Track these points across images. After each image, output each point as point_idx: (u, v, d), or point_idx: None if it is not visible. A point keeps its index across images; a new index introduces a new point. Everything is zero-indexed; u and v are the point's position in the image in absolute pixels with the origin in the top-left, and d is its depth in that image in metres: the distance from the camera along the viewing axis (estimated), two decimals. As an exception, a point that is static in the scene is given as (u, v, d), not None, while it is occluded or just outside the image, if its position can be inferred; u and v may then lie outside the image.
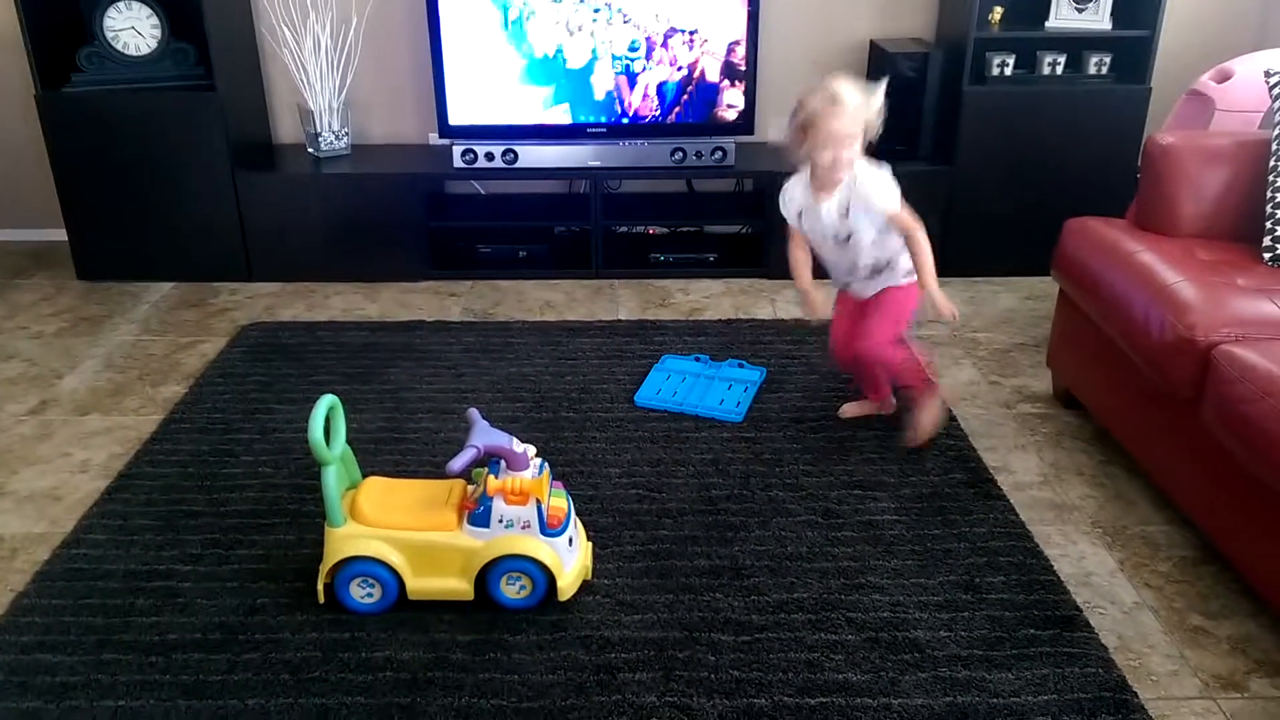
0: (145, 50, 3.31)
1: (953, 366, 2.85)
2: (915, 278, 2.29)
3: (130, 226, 3.39)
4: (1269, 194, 2.30)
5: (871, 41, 3.50)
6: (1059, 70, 3.35)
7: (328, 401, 1.82)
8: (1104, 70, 3.35)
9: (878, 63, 3.43)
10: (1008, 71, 3.35)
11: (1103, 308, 2.29)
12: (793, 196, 2.38)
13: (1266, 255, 2.26)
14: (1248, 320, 1.98)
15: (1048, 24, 3.30)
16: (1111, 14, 3.25)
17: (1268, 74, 2.44)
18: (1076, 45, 3.34)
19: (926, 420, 2.40)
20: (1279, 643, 1.83)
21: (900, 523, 2.15)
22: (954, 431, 2.49)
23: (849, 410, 2.57)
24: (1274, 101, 2.38)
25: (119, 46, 3.28)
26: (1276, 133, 2.33)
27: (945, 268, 3.42)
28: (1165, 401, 2.10)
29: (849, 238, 2.31)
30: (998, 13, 3.29)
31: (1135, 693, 1.71)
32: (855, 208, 2.26)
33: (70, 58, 3.26)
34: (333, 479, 1.82)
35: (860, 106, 2.15)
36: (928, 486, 2.27)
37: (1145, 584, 1.99)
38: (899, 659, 1.78)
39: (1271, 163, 2.32)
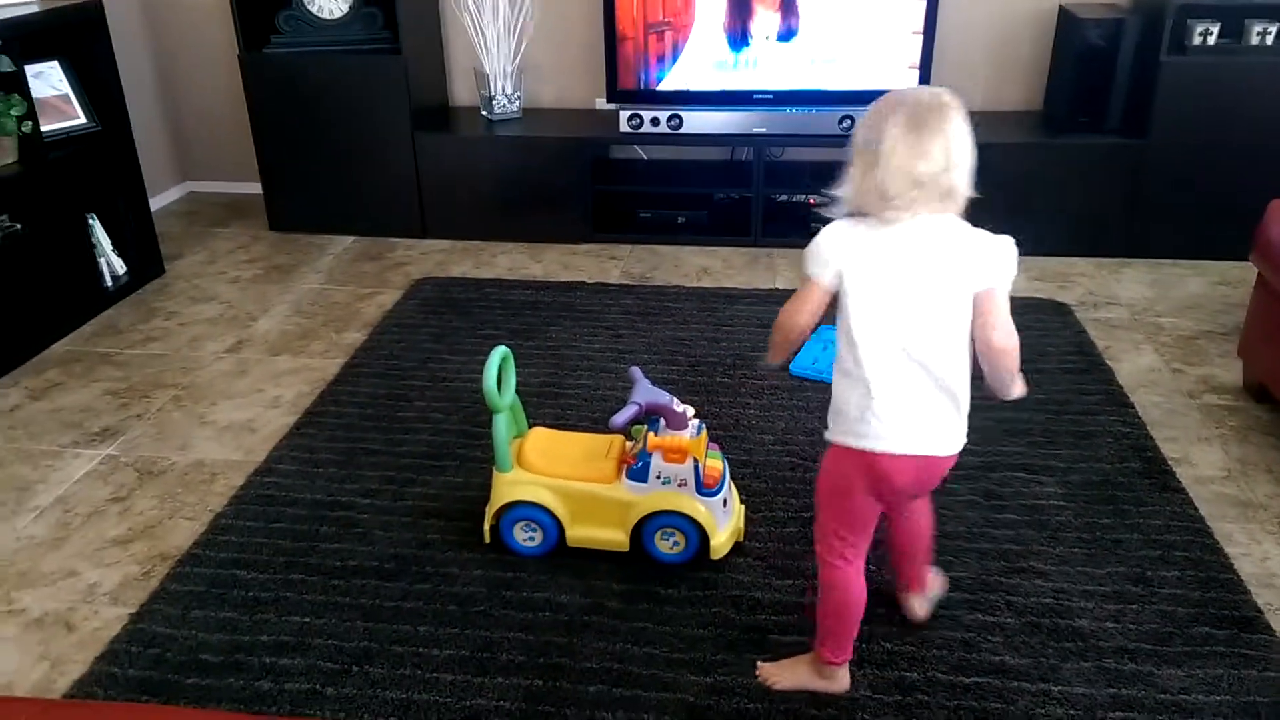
0: (338, 14, 3.49)
1: (1131, 351, 2.70)
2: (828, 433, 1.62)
3: (318, 182, 3.61)
4: None
5: (1061, 6, 3.32)
6: (1269, 40, 3.09)
7: (501, 352, 1.90)
8: (1269, 39, 3.05)
9: (1066, 28, 3.25)
10: (1211, 40, 3.11)
11: (1309, 295, 2.12)
12: None
13: None
14: None
15: (1259, -12, 3.05)
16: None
17: None
18: (1292, 11, 3.07)
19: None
20: None
21: (1068, 509, 2.07)
22: (1130, 419, 2.37)
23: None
24: None
25: (314, 9, 3.47)
26: None
27: (1130, 248, 3.26)
28: (1378, 399, 1.93)
29: None
30: (1203, -25, 3.06)
31: (1322, 705, 1.61)
32: None
33: (271, 20, 3.47)
34: (503, 426, 1.91)
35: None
36: (1099, 474, 2.18)
37: (1339, 592, 1.85)
38: (1060, 646, 1.73)
39: None
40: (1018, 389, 1.53)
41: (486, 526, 1.97)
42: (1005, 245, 1.48)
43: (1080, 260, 3.26)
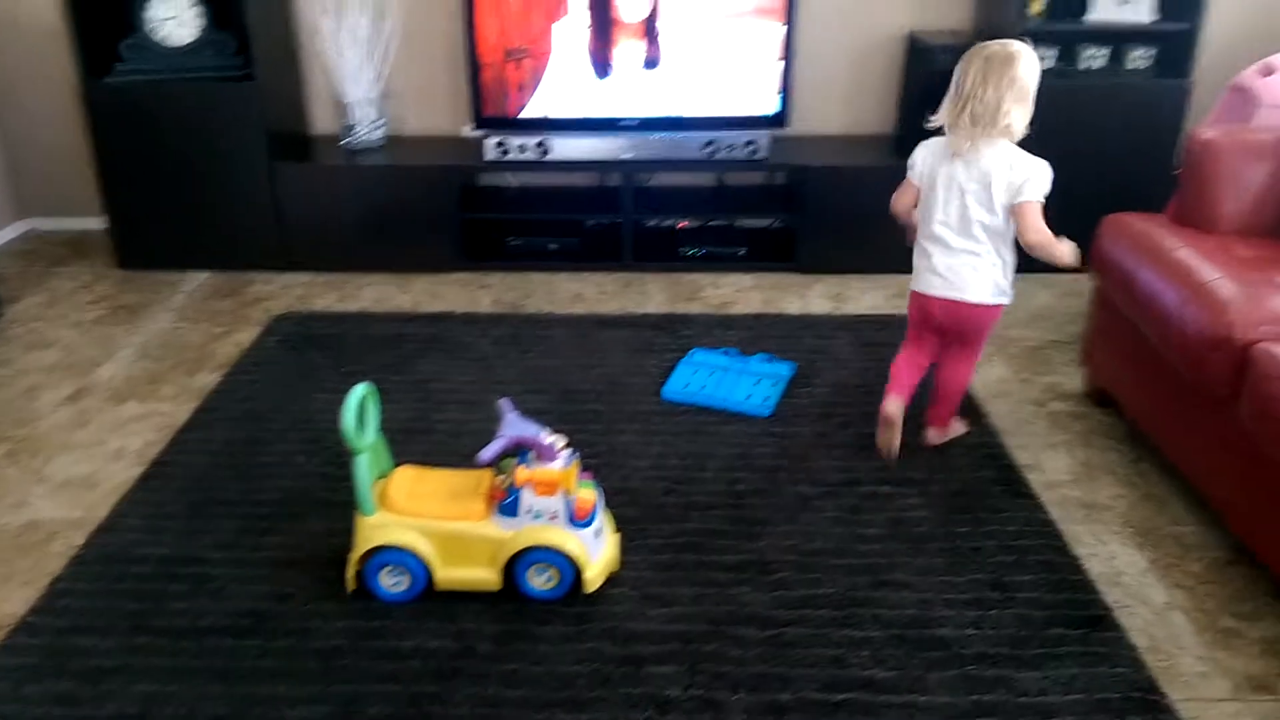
0: (186, 40, 3.34)
1: (984, 363, 2.82)
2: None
3: (168, 216, 3.44)
4: (1313, 190, 2.25)
5: (910, 33, 3.47)
6: (1099, 63, 3.30)
7: (361, 390, 1.84)
8: (1145, 64, 3.29)
9: (915, 55, 3.39)
10: (1048, 65, 3.30)
11: (1139, 305, 2.26)
12: None
13: (1309, 253, 2.21)
14: (1288, 319, 1.95)
15: (1088, 17, 3.25)
16: (1154, 7, 3.20)
17: (1314, 68, 2.39)
18: (1118, 38, 3.30)
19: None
20: (1315, 647, 1.80)
21: (928, 520, 2.14)
22: (984, 429, 2.47)
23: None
24: (1320, 96, 2.33)
25: (160, 37, 3.32)
26: (1322, 128, 2.28)
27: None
28: (1201, 400, 2.06)
29: None
30: (1038, 5, 3.25)
31: (1165, 694, 1.69)
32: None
33: (112, 48, 3.30)
34: (364, 467, 1.84)
35: None
36: (957, 484, 2.26)
37: (1176, 584, 1.96)
38: (924, 656, 1.77)
39: (1316, 158, 2.27)
40: (1064, 260, 2.15)
41: (350, 574, 1.90)
42: (1038, 170, 2.11)
43: (936, 276, 3.39)
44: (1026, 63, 2.08)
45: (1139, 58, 3.28)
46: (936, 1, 3.50)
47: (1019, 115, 2.10)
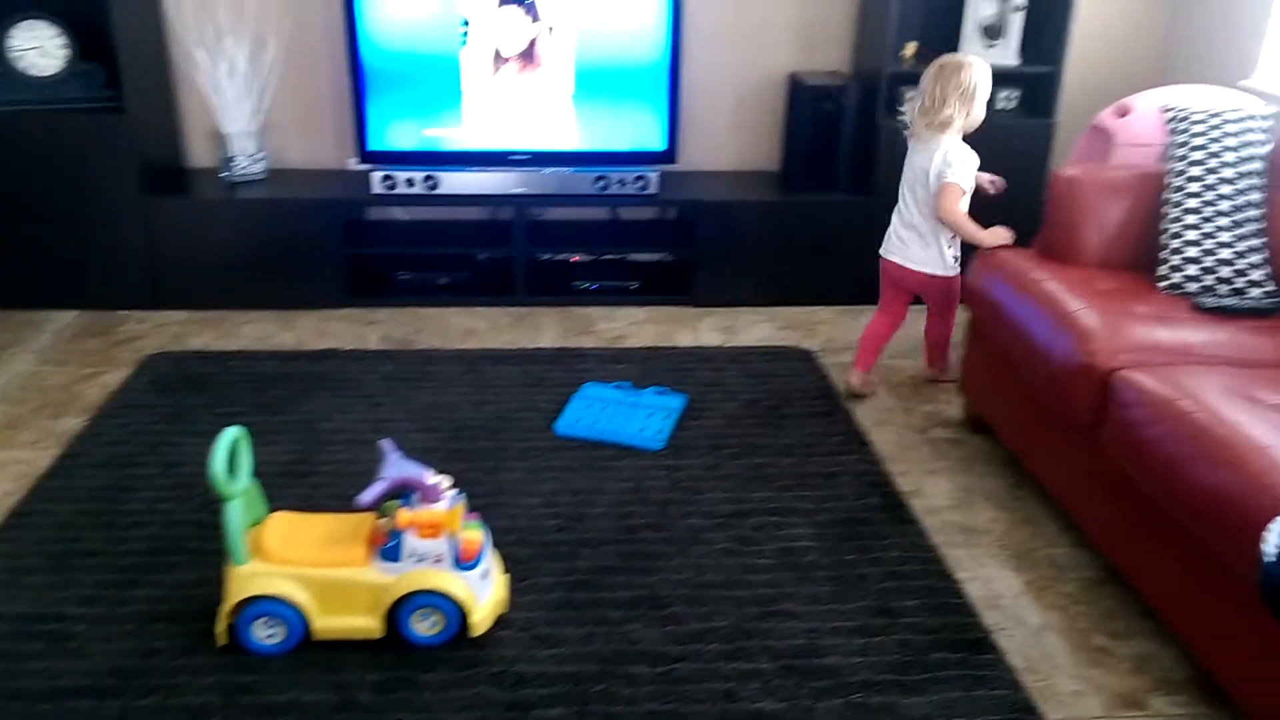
0: (51, 71, 3.20)
1: (868, 395, 2.90)
2: None
3: (32, 253, 3.26)
4: (1164, 225, 2.39)
5: (791, 74, 3.57)
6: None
7: (231, 434, 1.77)
8: (1012, 104, 3.46)
9: (796, 95, 3.49)
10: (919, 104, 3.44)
11: (1010, 335, 2.36)
12: (972, 154, 2.67)
13: (1162, 284, 2.35)
14: (1145, 346, 2.05)
15: (958, 59, 3.40)
16: (1019, 50, 3.37)
17: (1164, 110, 2.55)
18: (986, 80, 3.45)
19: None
20: (1178, 661, 1.88)
21: (816, 548, 2.17)
22: (868, 457, 2.53)
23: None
24: (1170, 136, 2.48)
25: (23, 67, 3.17)
26: (1171, 166, 2.43)
27: (865, 297, 3.50)
28: (1068, 426, 2.16)
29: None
30: (911, 48, 3.39)
31: (1042, 714, 1.75)
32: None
33: (-31, 78, 3.14)
34: (235, 515, 1.77)
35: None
36: (843, 511, 2.30)
37: (1051, 605, 2.03)
38: (813, 686, 1.79)
39: (1166, 195, 2.41)
40: (983, 243, 2.61)
41: (221, 627, 1.81)
42: (961, 158, 2.63)
43: (822, 309, 3.48)
44: (972, 70, 2.61)
45: (1005, 99, 3.45)
46: (816, 43, 3.62)
47: (960, 112, 2.60)
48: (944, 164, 2.60)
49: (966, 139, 2.69)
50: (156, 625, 1.88)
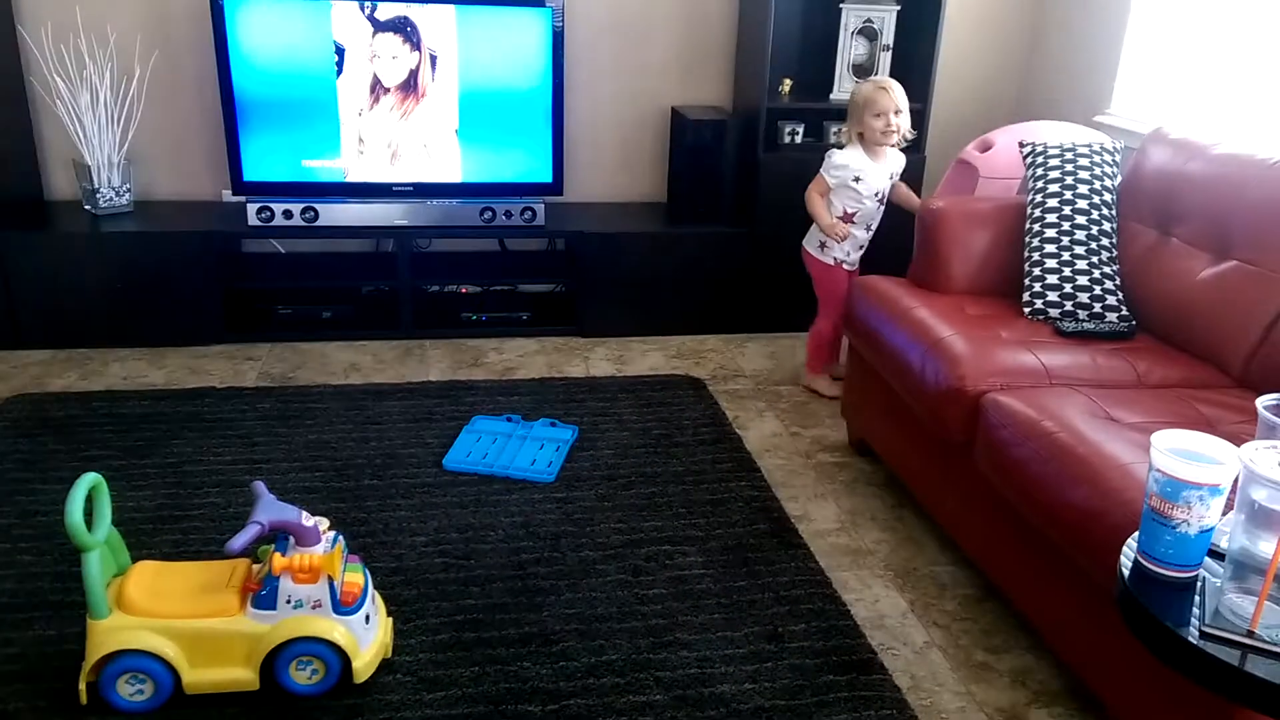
0: (-109, 97, 3.00)
1: (756, 419, 2.94)
2: None
3: None
4: (1026, 253, 2.52)
5: (673, 108, 3.63)
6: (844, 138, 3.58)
7: (89, 480, 1.67)
8: (883, 139, 3.60)
9: (679, 129, 3.55)
10: (798, 139, 3.55)
11: (885, 360, 2.43)
12: (850, 160, 2.96)
13: (1026, 309, 2.46)
14: (1011, 370, 2.15)
15: (832, 96, 3.53)
16: (889, 88, 3.51)
17: (1021, 144, 2.69)
18: (859, 115, 3.58)
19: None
20: (1054, 673, 1.95)
21: (708, 576, 2.17)
22: (757, 483, 2.56)
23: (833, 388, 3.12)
24: (1027, 169, 2.63)
25: None
26: (1031, 198, 2.56)
27: (747, 324, 3.58)
28: (943, 448, 2.23)
29: (881, 201, 3.01)
30: (787, 85, 3.50)
31: (927, 730, 1.79)
32: (896, 172, 3.03)
33: None
34: (95, 566, 1.66)
35: (902, 91, 2.92)
36: (733, 538, 2.32)
37: (934, 623, 2.09)
38: (705, 715, 1.78)
39: (1027, 224, 2.54)
40: (818, 220, 3.04)
41: (83, 685, 1.69)
42: (827, 157, 3.04)
43: (711, 337, 3.53)
44: (851, 90, 3.03)
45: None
46: (697, 80, 3.70)
47: (846, 125, 3.02)
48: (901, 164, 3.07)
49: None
50: (11, 686, 1.75)
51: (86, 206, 3.29)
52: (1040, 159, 2.59)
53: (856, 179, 2.95)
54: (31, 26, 3.23)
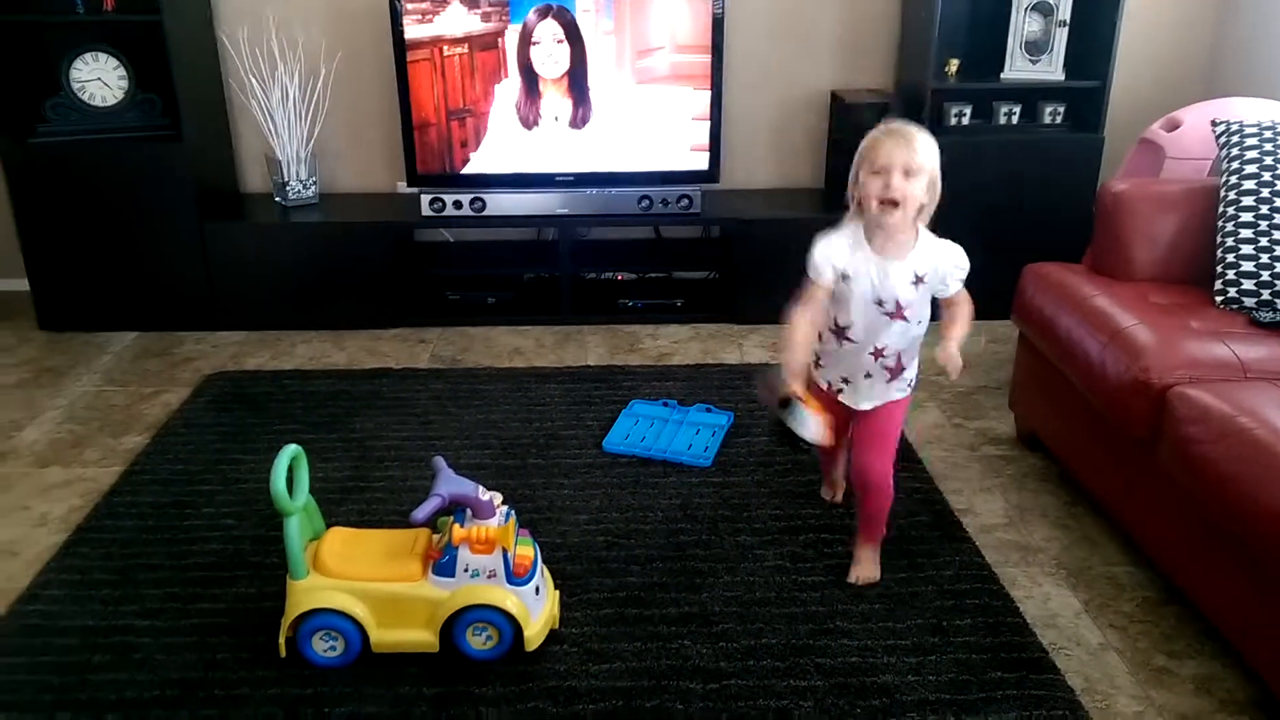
0: (112, 101, 3.31)
1: (917, 410, 2.88)
2: (914, 383, 2.08)
3: (94, 276, 3.37)
4: (1219, 239, 2.36)
5: (833, 92, 3.58)
6: (1015, 120, 3.44)
7: (290, 451, 1.80)
8: (1058, 119, 3.44)
9: (839, 113, 3.50)
10: (965, 121, 3.44)
11: (1061, 351, 2.33)
12: (838, 251, 1.94)
13: (1218, 298, 2.31)
14: (1201, 362, 2.03)
15: (1003, 75, 3.39)
16: (1064, 65, 3.36)
17: (1214, 123, 2.52)
18: (1031, 95, 3.44)
19: (873, 568, 2.13)
20: (1242, 682, 1.84)
21: (868, 566, 2.15)
22: (920, 474, 2.51)
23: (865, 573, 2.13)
24: (1221, 150, 2.46)
25: (85, 97, 3.28)
26: (1225, 180, 2.40)
27: (909, 312, 3.49)
28: (1123, 443, 2.13)
29: (901, 313, 1.94)
30: (954, 64, 3.39)
31: (1102, 734, 1.72)
32: (934, 276, 1.92)
33: (36, 109, 3.25)
34: (295, 530, 1.80)
35: (924, 143, 1.87)
36: (894, 530, 2.27)
37: (1110, 625, 2.00)
38: (868, 704, 1.77)
39: (1221, 208, 2.38)
40: (781, 348, 2.08)
41: (282, 639, 1.84)
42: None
43: (869, 325, 3.46)
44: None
45: (1052, 113, 3.43)
46: (858, 62, 3.63)
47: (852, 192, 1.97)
48: (958, 269, 1.99)
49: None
50: (218, 638, 1.92)
51: (277, 198, 3.53)
52: (1236, 138, 2.42)
53: (845, 277, 1.93)
54: (229, 30, 3.49)
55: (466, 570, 1.84)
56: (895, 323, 1.95)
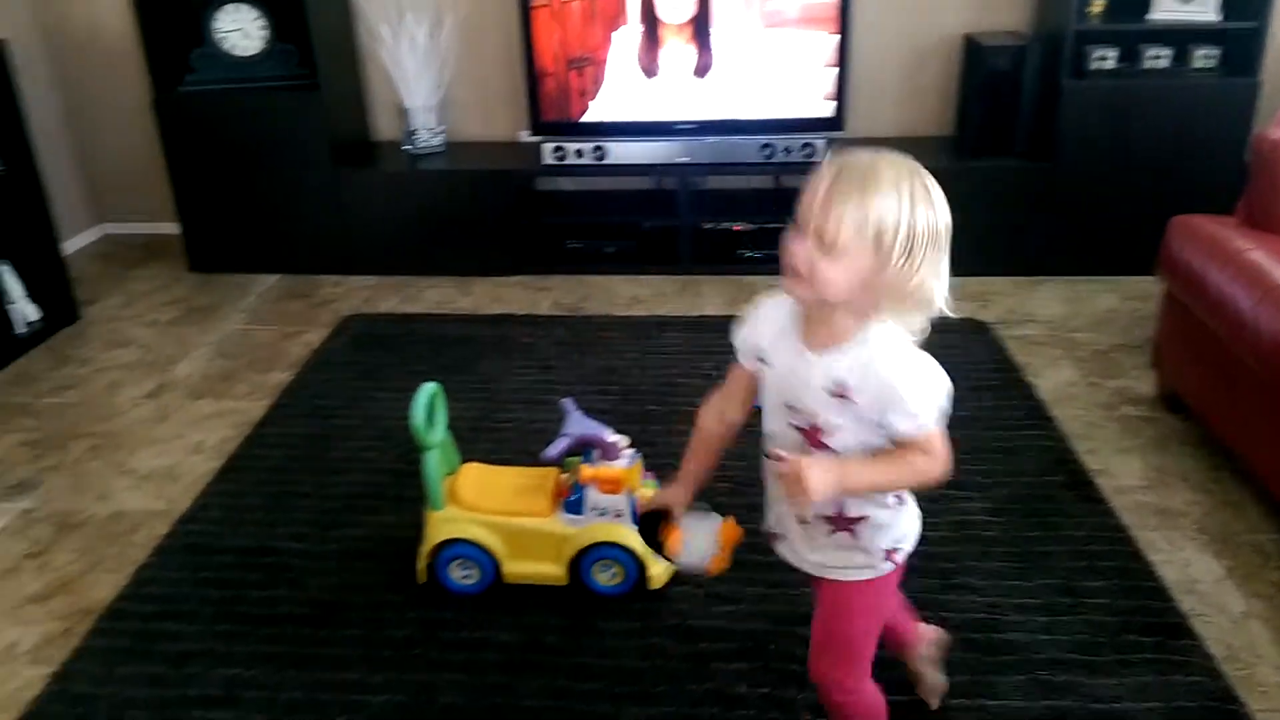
0: (252, 51, 3.44)
1: (1050, 367, 2.79)
2: (896, 557, 1.37)
3: (238, 220, 3.54)
4: (1395, 190, 2.19)
5: (966, 35, 3.44)
6: (1163, 64, 3.25)
7: (429, 389, 1.88)
8: (1211, 63, 3.23)
9: (973, 56, 3.36)
10: (1109, 65, 3.26)
11: (1211, 307, 2.22)
12: (767, 322, 1.36)
13: (1391, 254, 2.16)
14: (1371, 321, 1.90)
15: (1150, 16, 3.20)
16: (1219, 5, 3.14)
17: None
18: (1181, 38, 3.24)
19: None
20: (1401, 658, 1.75)
21: (995, 523, 2.12)
22: (1052, 433, 2.44)
23: None
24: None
25: (228, 47, 3.42)
26: (1404, 126, 2.22)
27: (1041, 266, 3.37)
28: (1275, 406, 2.02)
29: (818, 438, 1.29)
30: (1098, 4, 3.21)
31: (1243, 703, 1.66)
32: (868, 399, 1.23)
33: (184, 58, 3.41)
34: (434, 464, 1.88)
35: (868, 204, 1.15)
36: (1024, 488, 2.23)
37: (1255, 593, 1.92)
38: (995, 660, 1.76)
39: (1398, 158, 2.21)
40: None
41: (421, 566, 1.94)
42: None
43: (998, 279, 3.36)
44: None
45: (1204, 57, 3.22)
46: (993, 2, 3.47)
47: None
48: (903, 388, 1.24)
49: None
50: (362, 562, 2.03)
51: (405, 147, 3.62)
52: None
53: (760, 358, 1.37)
54: (362, -19, 3.57)
55: (594, 509, 1.89)
56: (814, 451, 1.29)
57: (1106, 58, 3.25)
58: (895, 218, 1.16)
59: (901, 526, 1.37)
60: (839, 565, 1.37)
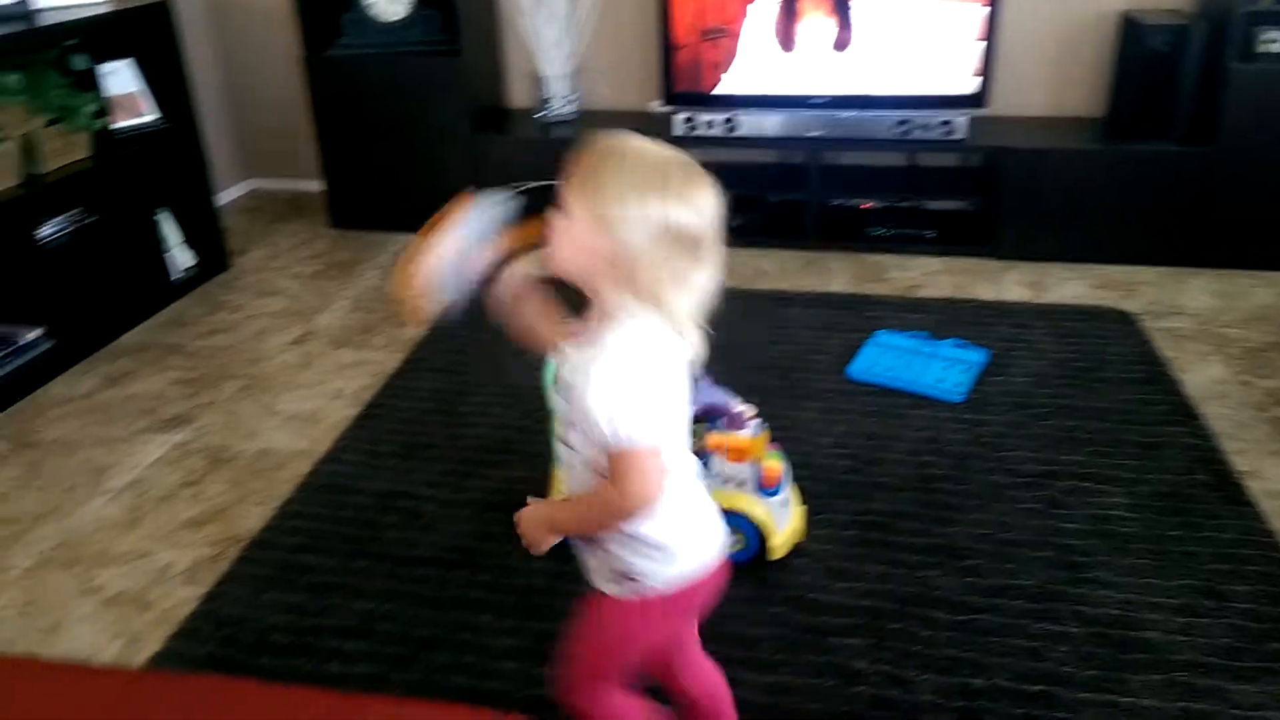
0: (398, 16, 3.54)
1: (1198, 362, 2.66)
2: (638, 589, 1.25)
3: (378, 181, 3.67)
4: None
5: (1124, 13, 3.28)
6: (1345, 46, 3.03)
7: (566, 348, 1.91)
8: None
9: (1131, 35, 3.20)
10: (1278, 48, 3.05)
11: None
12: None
13: None
14: None
15: (1336, -6, 2.98)
16: None
17: None
18: (1369, 17, 3.01)
19: None
20: None
21: (1134, 519, 2.04)
22: (1198, 431, 2.33)
23: None
24: None
25: (374, 12, 3.52)
26: None
27: (1192, 257, 3.20)
28: None
29: (566, 434, 1.24)
30: (1276, -18, 3.01)
31: (1402, 724, 1.57)
32: (579, 401, 1.14)
33: (334, 22, 3.54)
34: (566, 421, 1.92)
35: (604, 177, 1.12)
36: (1166, 485, 2.14)
37: None
38: (1129, 658, 1.70)
39: None
40: None
41: (548, 520, 1.98)
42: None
43: (1144, 269, 3.21)
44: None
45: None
46: (1158, -21, 3.30)
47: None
48: (590, 381, 1.13)
49: None
50: (491, 513, 2.10)
51: (539, 114, 3.68)
52: None
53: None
54: (505, -51, 3.63)
55: (718, 476, 1.90)
56: (561, 448, 1.25)
57: (1276, 40, 3.05)
58: (613, 195, 1.10)
59: (637, 558, 1.22)
60: (595, 570, 1.30)
